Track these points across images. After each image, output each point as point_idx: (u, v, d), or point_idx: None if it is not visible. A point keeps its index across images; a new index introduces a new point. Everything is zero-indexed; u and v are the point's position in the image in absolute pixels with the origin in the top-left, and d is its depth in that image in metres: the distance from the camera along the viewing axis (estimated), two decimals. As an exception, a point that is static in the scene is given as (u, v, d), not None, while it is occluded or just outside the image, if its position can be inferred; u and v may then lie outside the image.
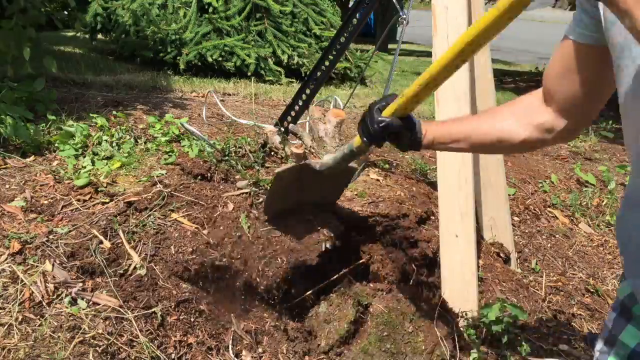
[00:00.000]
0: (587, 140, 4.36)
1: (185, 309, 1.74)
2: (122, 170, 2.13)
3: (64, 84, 3.36)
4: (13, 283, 1.53)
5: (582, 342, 2.09)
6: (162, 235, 1.83)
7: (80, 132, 2.29)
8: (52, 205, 1.87)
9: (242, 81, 4.66)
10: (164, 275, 1.75)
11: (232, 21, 5.08)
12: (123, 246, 1.75)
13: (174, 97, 3.58)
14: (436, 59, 1.10)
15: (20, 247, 1.63)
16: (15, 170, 2.04)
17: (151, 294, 1.68)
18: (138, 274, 1.70)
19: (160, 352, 1.58)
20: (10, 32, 2.58)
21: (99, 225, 1.79)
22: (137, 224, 1.83)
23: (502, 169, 2.45)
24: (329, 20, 5.75)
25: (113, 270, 1.69)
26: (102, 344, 1.48)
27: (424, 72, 1.11)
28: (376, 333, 1.84)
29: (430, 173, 2.75)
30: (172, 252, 1.79)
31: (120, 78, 3.86)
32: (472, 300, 2.02)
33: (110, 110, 2.75)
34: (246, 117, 3.10)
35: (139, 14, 4.86)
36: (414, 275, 2.17)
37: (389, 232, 2.20)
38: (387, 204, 2.23)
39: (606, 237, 2.88)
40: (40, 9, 2.70)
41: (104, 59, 5.12)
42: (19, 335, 1.40)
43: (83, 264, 1.66)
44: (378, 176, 2.47)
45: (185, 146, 2.41)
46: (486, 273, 2.22)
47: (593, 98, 1.05)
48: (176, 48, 4.87)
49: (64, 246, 1.68)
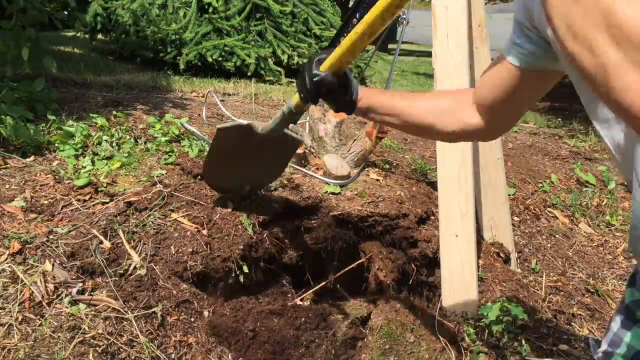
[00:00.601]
0: (587, 140, 4.36)
1: (185, 309, 1.75)
2: (122, 170, 2.13)
3: (64, 84, 3.36)
4: (13, 283, 1.53)
5: (582, 342, 2.09)
6: (162, 235, 1.83)
7: (80, 132, 2.29)
8: (52, 205, 1.87)
9: (242, 81, 4.66)
10: (164, 275, 1.75)
11: (232, 21, 5.08)
12: (123, 246, 1.75)
13: (174, 97, 3.58)
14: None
15: (20, 247, 1.63)
16: (15, 170, 2.04)
17: (151, 294, 1.68)
18: (138, 274, 1.70)
19: (160, 352, 1.58)
20: (10, 32, 2.58)
21: (99, 225, 1.79)
22: (137, 224, 1.83)
23: (502, 169, 2.45)
24: (329, 20, 5.74)
25: (113, 270, 1.69)
26: (102, 344, 1.48)
27: (360, 22, 1.08)
28: (378, 347, 1.83)
29: (430, 173, 2.75)
30: (172, 252, 1.79)
31: (120, 78, 3.86)
32: (472, 301, 2.02)
33: (110, 110, 2.75)
34: (246, 117, 3.10)
35: (139, 14, 4.86)
36: (413, 275, 2.17)
37: (389, 232, 2.20)
38: (387, 204, 2.23)
39: (606, 237, 2.88)
40: (40, 9, 2.70)
41: (104, 59, 5.11)
42: (19, 335, 1.40)
43: (83, 264, 1.66)
44: (378, 176, 2.48)
45: (185, 146, 2.41)
46: (486, 273, 2.22)
47: (520, 110, 1.12)
48: (176, 48, 4.87)
49: (64, 246, 1.68)
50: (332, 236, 2.15)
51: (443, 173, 2.13)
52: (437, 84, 2.15)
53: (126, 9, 4.88)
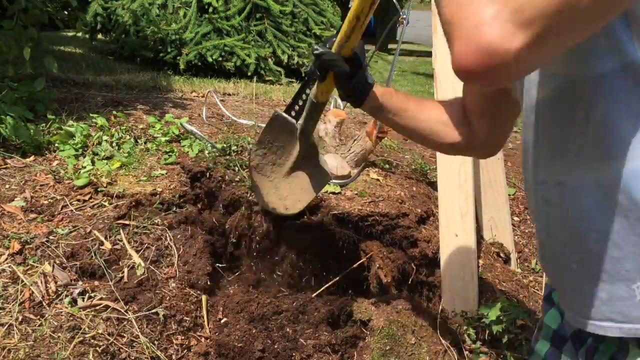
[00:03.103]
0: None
1: (185, 310, 1.74)
2: (122, 170, 2.13)
3: (64, 84, 3.36)
4: (13, 283, 1.53)
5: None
6: (163, 236, 1.83)
7: (80, 132, 2.29)
8: (52, 206, 1.87)
9: (242, 81, 4.66)
10: (165, 276, 1.74)
11: (232, 21, 5.08)
12: (124, 247, 1.75)
13: (174, 97, 3.57)
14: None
15: (20, 247, 1.63)
16: (15, 170, 2.04)
17: (153, 296, 1.68)
18: (139, 275, 1.70)
19: (160, 352, 1.58)
20: (11, 32, 2.58)
21: (99, 226, 1.79)
22: (138, 225, 1.83)
23: (502, 169, 2.45)
24: (329, 20, 5.74)
25: (113, 271, 1.68)
26: (102, 344, 1.48)
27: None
28: (379, 348, 1.83)
29: (430, 173, 2.75)
30: (173, 254, 1.79)
31: (120, 78, 3.85)
32: (472, 300, 2.02)
33: (110, 110, 2.75)
34: (246, 117, 3.10)
35: (139, 14, 4.85)
36: (413, 275, 2.17)
37: (389, 231, 2.21)
38: (387, 203, 2.23)
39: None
40: (41, 8, 2.70)
41: (104, 59, 5.11)
42: (19, 335, 1.40)
43: (83, 264, 1.65)
44: (378, 176, 2.48)
45: (185, 146, 2.41)
46: (486, 273, 2.22)
47: (505, 120, 1.12)
48: (176, 48, 4.87)
49: (64, 247, 1.68)
50: (332, 235, 2.15)
51: (443, 173, 2.13)
52: (437, 84, 2.15)
53: (126, 9, 4.88)
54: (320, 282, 2.18)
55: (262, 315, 1.86)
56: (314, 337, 1.86)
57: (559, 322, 0.97)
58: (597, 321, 0.79)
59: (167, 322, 1.66)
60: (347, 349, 1.89)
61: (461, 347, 1.88)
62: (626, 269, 0.74)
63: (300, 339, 1.85)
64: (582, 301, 0.80)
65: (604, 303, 0.77)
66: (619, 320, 0.76)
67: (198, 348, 1.66)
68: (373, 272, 2.21)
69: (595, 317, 0.79)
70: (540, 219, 0.88)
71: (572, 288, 0.83)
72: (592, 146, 0.74)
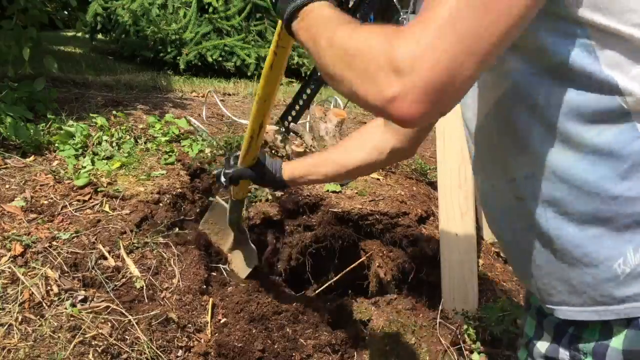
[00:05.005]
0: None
1: (186, 312, 1.74)
2: (122, 170, 2.13)
3: (64, 84, 3.36)
4: (13, 284, 1.53)
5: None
6: (163, 240, 1.83)
7: (80, 132, 2.29)
8: (52, 206, 1.86)
9: (242, 81, 4.66)
10: (166, 281, 1.74)
11: (232, 21, 5.08)
12: (124, 253, 1.75)
13: (174, 97, 3.57)
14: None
15: (22, 249, 1.62)
16: (15, 170, 2.04)
17: (154, 299, 1.67)
18: (139, 281, 1.69)
19: (160, 353, 1.57)
20: (11, 32, 2.58)
21: (99, 227, 1.79)
22: (139, 240, 1.83)
23: (502, 168, 2.44)
24: (329, 20, 5.74)
25: (114, 277, 1.68)
26: (103, 344, 1.47)
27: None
28: (379, 348, 1.83)
29: (430, 173, 2.75)
30: (175, 259, 1.79)
31: (120, 78, 3.85)
32: (472, 300, 2.02)
33: (110, 110, 2.75)
34: (246, 117, 3.10)
35: (139, 14, 4.85)
36: (413, 274, 2.17)
37: (389, 230, 2.21)
38: (387, 203, 2.23)
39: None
40: (41, 8, 2.70)
41: (104, 59, 5.11)
42: (19, 335, 1.40)
43: (84, 268, 1.65)
44: (378, 175, 2.48)
45: (185, 146, 2.41)
46: (486, 273, 2.22)
47: None
48: (176, 48, 4.87)
49: (66, 255, 1.68)
50: (332, 234, 2.15)
51: (443, 172, 2.13)
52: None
53: (126, 9, 4.88)
54: (320, 281, 2.18)
55: (262, 315, 1.86)
56: (314, 337, 1.86)
57: (534, 329, 0.96)
58: (580, 307, 0.80)
59: (168, 323, 1.66)
60: (347, 349, 1.88)
61: (461, 347, 1.88)
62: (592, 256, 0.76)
63: (300, 339, 1.85)
64: (564, 290, 0.81)
65: (589, 287, 0.78)
66: (607, 303, 0.76)
67: (198, 348, 1.65)
68: (373, 271, 2.21)
69: (578, 304, 0.80)
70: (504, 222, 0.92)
71: (548, 281, 0.84)
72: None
